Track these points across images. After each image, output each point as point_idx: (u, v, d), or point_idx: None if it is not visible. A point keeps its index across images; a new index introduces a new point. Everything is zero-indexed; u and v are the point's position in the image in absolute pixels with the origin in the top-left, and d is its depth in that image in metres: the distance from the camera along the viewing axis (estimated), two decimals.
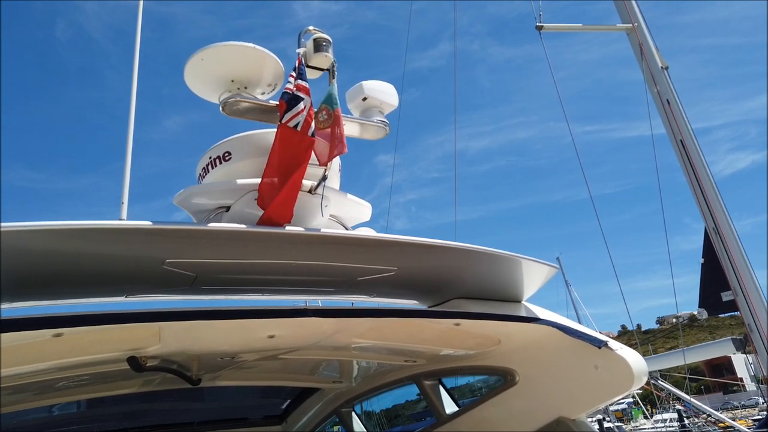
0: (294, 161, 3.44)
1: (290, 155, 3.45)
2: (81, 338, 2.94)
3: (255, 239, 3.29)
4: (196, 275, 3.55)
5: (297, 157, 3.45)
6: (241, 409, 6.39)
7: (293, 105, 3.50)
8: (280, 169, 3.44)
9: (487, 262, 4.03)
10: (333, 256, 3.64)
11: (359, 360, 5.26)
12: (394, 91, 4.43)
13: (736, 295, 9.11)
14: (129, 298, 3.75)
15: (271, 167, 3.46)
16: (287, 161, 3.44)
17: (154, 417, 5.83)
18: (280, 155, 3.46)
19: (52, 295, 3.44)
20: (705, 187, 9.44)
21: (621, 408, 48.33)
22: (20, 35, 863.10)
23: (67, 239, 2.80)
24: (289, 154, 3.45)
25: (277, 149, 3.47)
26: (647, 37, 10.37)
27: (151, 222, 2.87)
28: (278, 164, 3.45)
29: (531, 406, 4.31)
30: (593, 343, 3.78)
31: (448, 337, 4.31)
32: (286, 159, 3.45)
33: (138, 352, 3.52)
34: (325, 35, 3.90)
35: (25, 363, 3.17)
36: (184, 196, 3.76)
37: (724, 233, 9.23)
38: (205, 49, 3.61)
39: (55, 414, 5.14)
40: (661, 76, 10.12)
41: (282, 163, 3.45)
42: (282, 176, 3.43)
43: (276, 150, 3.47)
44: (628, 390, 3.83)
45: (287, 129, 3.47)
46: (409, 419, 6.23)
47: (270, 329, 3.54)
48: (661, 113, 10.09)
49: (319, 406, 6.25)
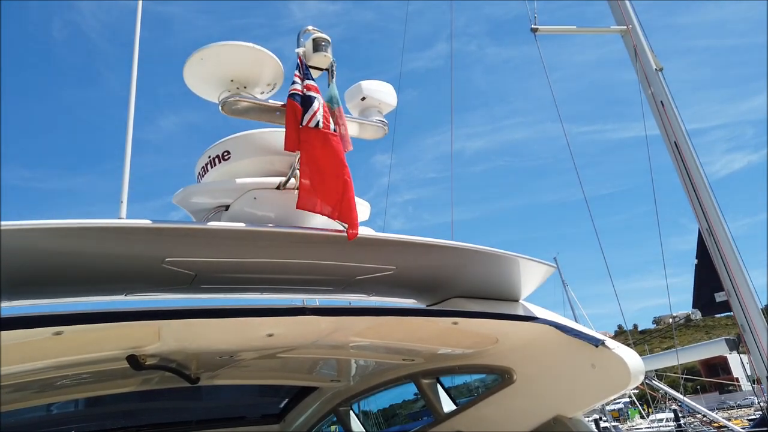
0: (333, 160, 3.45)
1: (326, 155, 3.45)
2: (81, 336, 2.95)
3: (255, 238, 3.30)
4: (195, 274, 3.56)
5: (334, 156, 3.46)
6: (239, 408, 6.40)
7: (308, 105, 3.49)
8: (320, 169, 3.44)
9: (485, 262, 4.05)
10: (331, 255, 3.66)
11: (357, 359, 5.27)
12: (392, 91, 4.44)
13: (730, 296, 9.16)
14: (129, 297, 3.76)
15: (313, 170, 3.43)
16: (326, 161, 3.44)
17: (153, 415, 5.84)
18: (315, 157, 3.44)
19: (53, 293, 3.44)
20: (699, 188, 9.49)
21: (617, 408, 48.40)
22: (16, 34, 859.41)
23: (67, 238, 2.81)
24: (323, 154, 3.45)
25: (309, 152, 3.44)
26: (641, 39, 10.42)
27: (150, 221, 2.89)
28: (317, 166, 3.44)
29: (528, 405, 4.33)
30: (590, 342, 3.81)
31: (446, 336, 4.33)
32: (324, 159, 3.44)
33: (137, 350, 3.53)
34: (324, 35, 3.91)
35: (26, 361, 3.18)
36: (184, 195, 3.77)
37: (718, 234, 9.27)
38: (205, 48, 3.61)
39: (55, 412, 5.14)
40: (656, 77, 10.18)
41: (322, 164, 3.44)
42: (325, 176, 3.43)
43: (307, 153, 3.44)
44: (625, 388, 3.86)
45: (310, 130, 3.45)
46: (406, 418, 6.25)
47: (268, 328, 3.56)
48: (655, 114, 10.14)
49: (317, 405, 6.25)
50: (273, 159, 3.83)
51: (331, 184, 3.44)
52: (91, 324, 2.76)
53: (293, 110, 3.50)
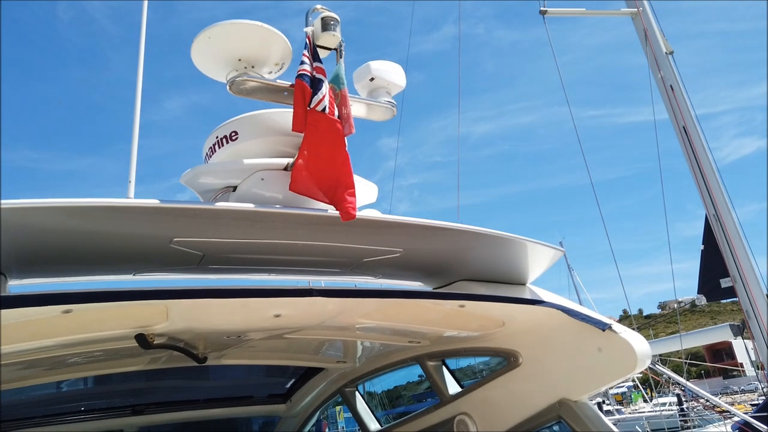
0: (334, 146, 3.46)
1: (327, 140, 3.45)
2: (90, 315, 2.97)
3: (262, 219, 3.30)
4: (203, 254, 3.57)
5: (335, 142, 3.46)
6: (246, 388, 6.46)
7: (318, 89, 3.48)
8: (318, 154, 3.44)
9: (492, 245, 4.04)
10: (339, 237, 3.65)
11: (363, 340, 5.29)
12: (401, 72, 4.40)
13: (735, 282, 9.16)
14: (137, 276, 3.78)
15: (311, 154, 3.43)
16: (326, 147, 3.45)
17: (161, 394, 5.89)
18: (317, 141, 3.44)
19: (61, 272, 3.46)
20: (706, 173, 9.45)
21: (620, 391, 48.58)
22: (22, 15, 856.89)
23: (75, 217, 2.82)
24: (326, 140, 3.45)
25: (312, 135, 3.44)
26: (652, 22, 10.31)
27: (158, 200, 2.89)
28: (318, 150, 3.44)
29: (533, 388, 4.35)
30: (597, 326, 3.80)
31: (453, 319, 4.34)
32: (325, 145, 3.45)
33: (146, 329, 3.55)
34: (333, 14, 3.85)
35: (35, 339, 3.20)
36: (191, 176, 3.77)
37: (725, 220, 9.24)
38: (213, 27, 3.57)
39: (63, 390, 5.20)
40: (665, 61, 10.08)
41: (321, 149, 3.45)
42: (322, 161, 3.44)
43: (311, 136, 3.44)
44: (631, 372, 3.85)
45: (317, 113, 3.45)
46: (411, 400, 6.30)
47: (276, 309, 3.57)
48: (664, 99, 10.06)
49: (323, 385, 6.30)
50: (280, 140, 3.82)
51: (328, 169, 3.44)
52: (100, 303, 2.77)
53: (302, 91, 3.47)
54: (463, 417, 4.86)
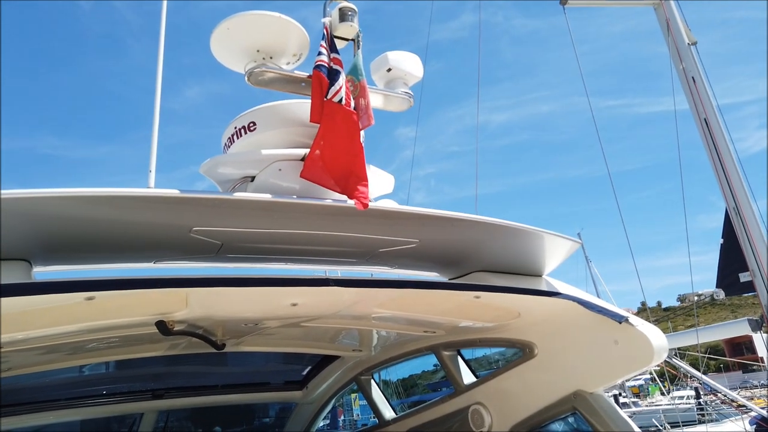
0: (349, 137, 3.49)
1: (343, 131, 3.48)
2: (112, 302, 3.03)
3: (280, 209, 3.34)
4: (221, 243, 3.61)
5: (350, 134, 3.49)
6: (263, 374, 6.54)
7: (335, 80, 3.50)
8: (333, 144, 3.47)
9: (509, 236, 4.04)
10: (355, 227, 3.68)
11: (379, 330, 5.33)
12: (419, 62, 4.40)
13: (754, 277, 9.02)
14: (157, 264, 3.83)
15: (327, 144, 3.47)
16: (341, 138, 3.48)
17: (180, 379, 6.00)
18: (333, 131, 3.47)
19: (84, 259, 3.52)
20: (727, 166, 9.29)
21: (638, 384, 48.30)
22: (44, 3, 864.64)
23: (98, 206, 2.87)
24: (342, 130, 3.48)
25: (328, 125, 3.47)
26: (674, 12, 10.13)
27: (179, 191, 2.93)
28: (333, 141, 3.47)
29: (549, 379, 4.35)
30: (614, 318, 3.79)
31: (468, 310, 4.35)
32: (340, 135, 3.47)
33: (166, 316, 3.61)
34: (351, 4, 3.86)
35: (58, 324, 3.28)
36: (210, 166, 3.82)
37: (745, 213, 9.11)
38: (232, 18, 3.60)
39: (85, 374, 5.31)
40: (688, 52, 9.90)
41: (337, 140, 3.47)
42: (336, 152, 3.47)
43: (327, 126, 3.47)
44: (648, 365, 3.84)
45: (333, 104, 3.47)
46: (426, 389, 6.34)
47: (293, 297, 3.61)
48: (686, 90, 9.89)
49: (338, 373, 6.37)
50: (298, 130, 3.85)
51: (341, 159, 3.47)
52: (121, 290, 2.83)
53: (319, 81, 3.49)
54: (477, 407, 4.88)
